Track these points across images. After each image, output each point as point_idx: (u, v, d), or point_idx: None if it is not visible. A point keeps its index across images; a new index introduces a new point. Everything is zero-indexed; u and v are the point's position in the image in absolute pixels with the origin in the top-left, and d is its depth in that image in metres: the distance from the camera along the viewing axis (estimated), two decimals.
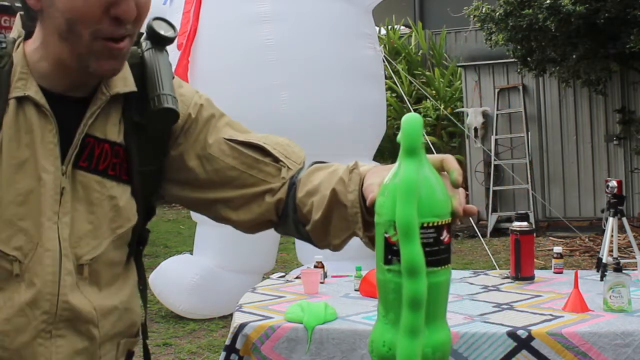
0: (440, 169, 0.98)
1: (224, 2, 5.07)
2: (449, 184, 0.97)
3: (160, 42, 1.18)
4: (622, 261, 3.31)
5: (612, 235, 3.99)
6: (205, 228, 5.39)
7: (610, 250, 3.98)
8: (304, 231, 1.18)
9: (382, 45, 7.64)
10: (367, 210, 1.06)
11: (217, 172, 1.20)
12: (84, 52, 1.06)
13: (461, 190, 0.98)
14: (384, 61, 5.77)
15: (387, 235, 0.96)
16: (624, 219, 4.08)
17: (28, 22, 1.12)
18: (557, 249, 3.33)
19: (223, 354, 2.55)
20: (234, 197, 1.20)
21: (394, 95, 9.75)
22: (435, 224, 0.94)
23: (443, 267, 0.96)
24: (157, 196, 1.26)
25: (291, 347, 2.49)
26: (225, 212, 1.22)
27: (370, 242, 1.06)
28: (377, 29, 7.34)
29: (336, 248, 1.16)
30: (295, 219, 1.18)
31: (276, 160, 1.20)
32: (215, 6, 5.00)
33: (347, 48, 5.12)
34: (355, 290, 2.98)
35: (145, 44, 1.19)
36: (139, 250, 1.25)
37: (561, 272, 3.22)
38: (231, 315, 2.83)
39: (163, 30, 1.18)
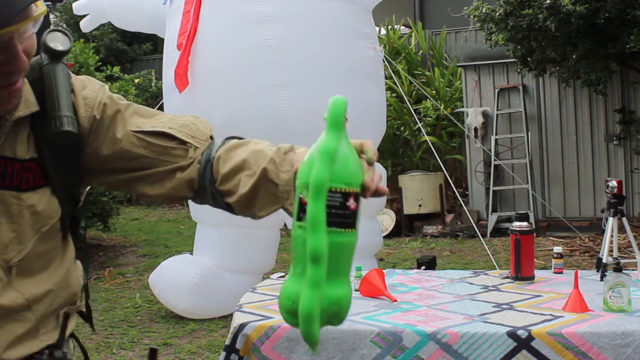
0: (361, 151, 1.12)
1: (224, 2, 5.06)
2: (365, 163, 1.11)
3: (56, 55, 1.27)
4: (622, 261, 3.31)
5: (612, 235, 3.98)
6: (205, 228, 5.39)
7: (610, 250, 3.98)
8: (222, 202, 1.31)
9: (382, 45, 7.64)
10: None
11: (131, 161, 1.32)
12: None
13: (378, 171, 1.13)
14: (384, 61, 5.77)
15: (301, 196, 1.09)
16: (624, 219, 4.07)
17: None
18: (557, 249, 3.33)
19: (223, 354, 2.55)
20: (149, 175, 1.33)
21: (394, 95, 9.74)
22: (342, 190, 1.08)
23: (347, 229, 1.09)
24: (82, 185, 1.37)
25: (291, 347, 2.49)
26: (143, 188, 1.34)
27: None
28: (377, 29, 7.33)
29: (259, 218, 1.30)
30: (213, 192, 1.30)
31: (182, 142, 1.31)
32: (215, 6, 5.00)
33: (347, 48, 5.12)
34: (355, 290, 2.98)
35: (44, 57, 1.27)
36: (74, 226, 1.36)
37: (561, 272, 3.22)
38: (231, 315, 2.83)
39: (59, 43, 1.26)
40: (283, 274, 3.49)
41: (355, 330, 2.45)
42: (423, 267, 4.12)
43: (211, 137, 1.35)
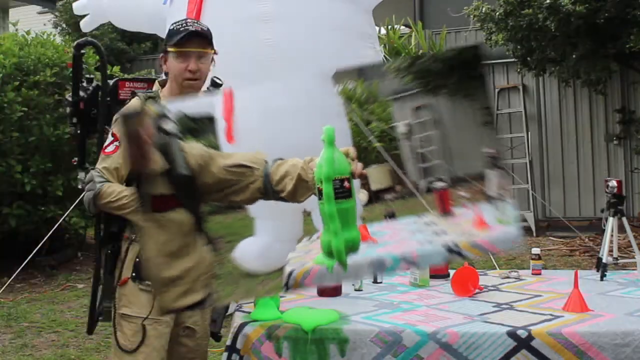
0: (347, 153, 2.08)
1: (224, 2, 5.06)
2: (349, 159, 2.09)
3: (168, 133, 2.25)
4: (622, 261, 3.31)
5: (612, 235, 3.97)
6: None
7: (610, 250, 3.97)
8: (279, 197, 2.29)
9: (382, 45, 7.63)
10: None
11: (225, 182, 2.33)
12: (180, 90, 2.56)
13: (358, 164, 2.10)
14: (384, 61, 5.77)
15: (318, 186, 2.04)
16: (624, 219, 4.07)
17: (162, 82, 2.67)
18: (536, 250, 3.30)
19: (225, 354, 2.56)
20: (236, 190, 2.34)
21: None
22: (340, 177, 2.01)
23: (347, 199, 2.01)
24: (200, 202, 2.36)
25: (291, 347, 2.49)
26: (233, 197, 2.35)
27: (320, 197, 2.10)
28: (377, 29, 7.32)
29: (300, 202, 2.26)
30: (274, 192, 2.30)
31: (250, 168, 2.32)
32: (216, 6, 5.00)
33: (347, 48, 5.11)
34: (356, 290, 2.99)
35: (162, 135, 2.25)
36: (200, 225, 2.37)
37: (539, 274, 3.21)
38: (231, 315, 2.83)
39: (170, 126, 2.25)
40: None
41: (355, 330, 2.46)
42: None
43: (266, 161, 2.31)
